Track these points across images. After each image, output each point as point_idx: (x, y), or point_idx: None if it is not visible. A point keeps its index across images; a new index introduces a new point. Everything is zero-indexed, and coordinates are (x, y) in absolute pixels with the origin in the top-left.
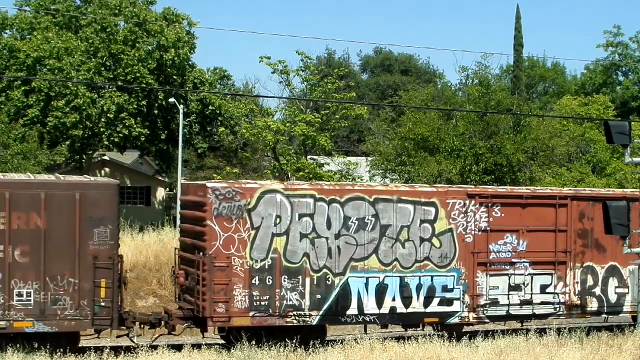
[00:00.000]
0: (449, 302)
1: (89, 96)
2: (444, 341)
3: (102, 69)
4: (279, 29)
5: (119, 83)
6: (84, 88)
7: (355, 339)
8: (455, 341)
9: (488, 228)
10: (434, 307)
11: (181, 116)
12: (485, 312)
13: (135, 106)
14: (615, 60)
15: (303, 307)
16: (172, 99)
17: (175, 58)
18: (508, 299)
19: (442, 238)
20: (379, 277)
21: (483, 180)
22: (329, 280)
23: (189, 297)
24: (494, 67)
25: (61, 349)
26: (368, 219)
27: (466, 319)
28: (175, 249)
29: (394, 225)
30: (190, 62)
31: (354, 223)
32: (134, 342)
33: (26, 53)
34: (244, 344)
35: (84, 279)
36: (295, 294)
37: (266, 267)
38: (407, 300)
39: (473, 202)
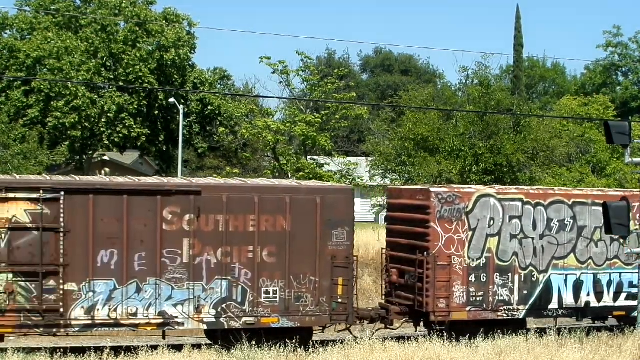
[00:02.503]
0: (634, 297)
1: (89, 97)
2: (444, 341)
3: (102, 69)
4: (279, 29)
5: (120, 83)
6: (83, 88)
7: (355, 339)
8: (455, 341)
9: None
10: (621, 301)
11: (181, 116)
12: None
13: (136, 106)
14: (615, 60)
15: (512, 302)
16: (172, 99)
17: (176, 58)
18: None
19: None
20: (576, 274)
21: (483, 181)
22: (534, 277)
23: (404, 293)
24: (494, 67)
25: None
26: (567, 221)
27: None
28: (383, 249)
29: (589, 226)
30: (190, 62)
31: (556, 225)
32: (354, 335)
33: (26, 53)
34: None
35: (324, 277)
36: (505, 290)
37: (481, 265)
38: (599, 295)
39: None
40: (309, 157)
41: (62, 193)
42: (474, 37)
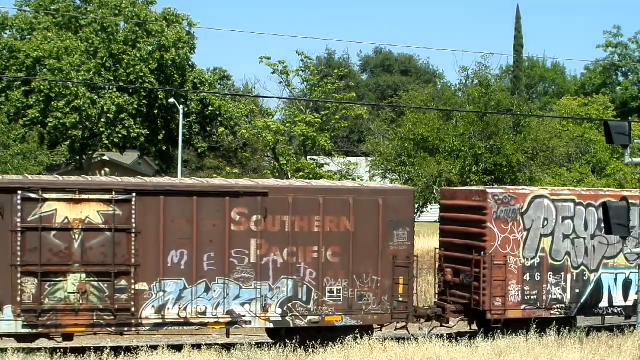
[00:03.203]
0: None
1: (89, 97)
2: (443, 341)
3: (102, 69)
4: (279, 29)
5: (120, 84)
6: (84, 89)
7: (355, 339)
8: (455, 342)
9: None
10: None
11: (181, 116)
12: None
13: (136, 106)
14: (615, 60)
15: (564, 300)
16: (172, 99)
17: (176, 58)
18: None
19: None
20: (625, 273)
21: (483, 181)
22: (585, 277)
23: (459, 292)
24: (494, 67)
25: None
26: None
27: None
28: (436, 249)
29: (637, 226)
30: (190, 63)
31: None
32: (410, 333)
33: (26, 53)
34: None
35: (385, 276)
36: (558, 289)
37: (535, 264)
38: None
39: None
40: (308, 157)
41: (134, 194)
42: (474, 37)
